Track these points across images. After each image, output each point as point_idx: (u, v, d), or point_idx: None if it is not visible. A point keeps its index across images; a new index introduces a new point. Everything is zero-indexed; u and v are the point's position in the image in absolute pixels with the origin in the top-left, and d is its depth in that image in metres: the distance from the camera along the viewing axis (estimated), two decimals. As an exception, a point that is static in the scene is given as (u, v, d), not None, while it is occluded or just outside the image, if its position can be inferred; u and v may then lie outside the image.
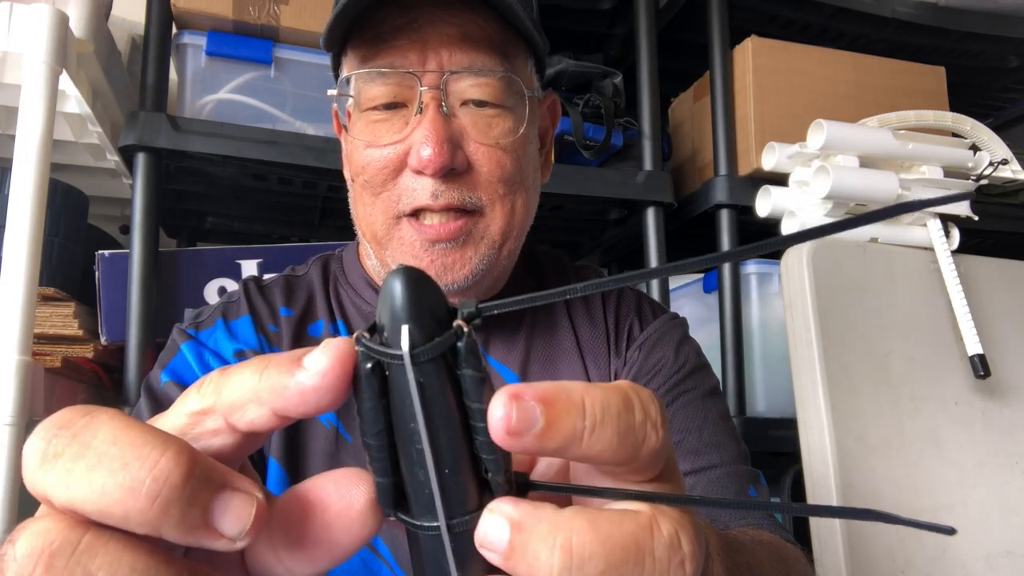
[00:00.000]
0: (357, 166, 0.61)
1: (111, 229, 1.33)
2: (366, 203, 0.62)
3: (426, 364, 0.21)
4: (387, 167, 0.59)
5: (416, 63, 0.58)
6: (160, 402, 0.61)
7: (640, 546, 0.21)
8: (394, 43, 0.58)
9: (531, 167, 0.64)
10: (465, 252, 0.60)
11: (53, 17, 0.84)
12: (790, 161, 1.15)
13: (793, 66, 1.24)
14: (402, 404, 0.21)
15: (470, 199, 0.59)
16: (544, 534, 0.21)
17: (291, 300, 0.67)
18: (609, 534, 0.21)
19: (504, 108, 0.60)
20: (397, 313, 0.21)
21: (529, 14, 0.61)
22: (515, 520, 0.22)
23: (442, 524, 0.23)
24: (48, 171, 0.83)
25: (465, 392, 0.21)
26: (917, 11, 1.32)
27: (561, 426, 0.21)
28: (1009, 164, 1.19)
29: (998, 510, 1.05)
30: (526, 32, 0.60)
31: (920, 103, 1.23)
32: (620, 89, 1.24)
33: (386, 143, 0.59)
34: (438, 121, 0.57)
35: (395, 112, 0.60)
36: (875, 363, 1.06)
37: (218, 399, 0.23)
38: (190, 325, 0.66)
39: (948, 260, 1.13)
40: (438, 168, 0.57)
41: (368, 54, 0.59)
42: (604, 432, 0.22)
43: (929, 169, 1.14)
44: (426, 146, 0.56)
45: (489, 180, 0.60)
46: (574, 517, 0.22)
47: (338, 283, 0.70)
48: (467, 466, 0.22)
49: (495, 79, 0.59)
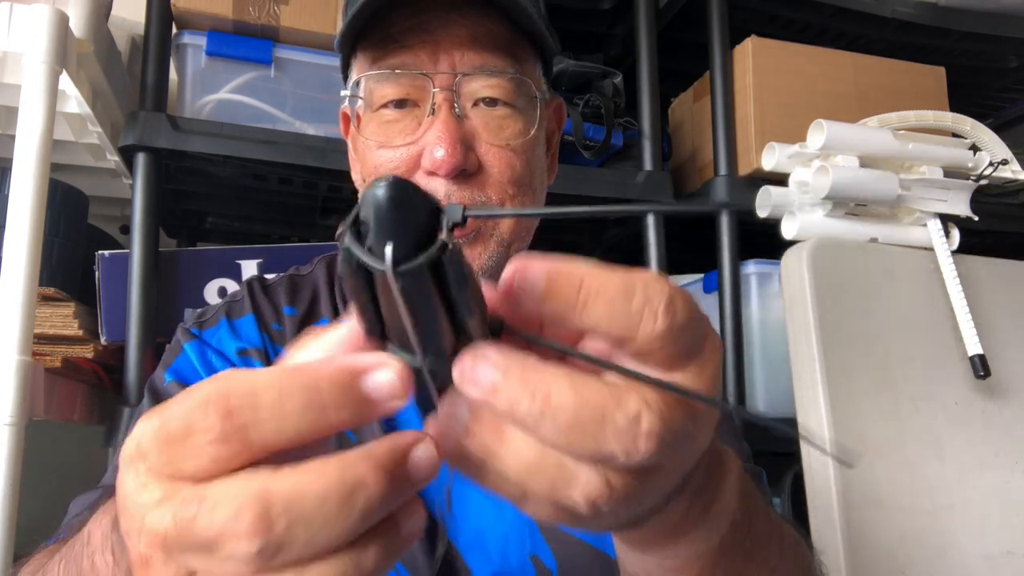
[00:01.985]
0: (369, 166, 0.62)
1: (111, 229, 1.33)
2: None
3: (408, 274, 0.21)
4: (400, 167, 0.60)
5: (428, 64, 0.59)
6: (162, 401, 0.61)
7: (604, 412, 0.23)
8: (405, 44, 0.59)
9: (539, 169, 0.65)
10: (475, 249, 0.60)
11: (53, 17, 0.84)
12: (790, 161, 1.15)
13: (793, 66, 1.24)
14: (390, 303, 0.23)
15: (481, 199, 0.60)
16: (529, 380, 0.23)
17: (295, 299, 0.68)
18: (582, 394, 0.23)
19: (515, 109, 0.61)
20: (382, 227, 0.21)
21: (540, 14, 0.61)
22: (504, 364, 0.23)
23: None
24: (48, 171, 0.83)
25: (450, 294, 0.23)
26: (917, 11, 1.32)
27: (558, 294, 0.24)
28: (1009, 164, 1.19)
29: (998, 510, 1.05)
30: (538, 33, 0.61)
31: (920, 103, 1.23)
32: (620, 89, 1.24)
33: (399, 144, 0.60)
34: (451, 123, 0.58)
35: (407, 112, 0.60)
36: (875, 363, 1.06)
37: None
38: (194, 324, 0.66)
39: (948, 260, 1.13)
40: (451, 169, 0.57)
41: (379, 55, 0.60)
42: (595, 309, 0.24)
43: (929, 169, 1.14)
44: (439, 147, 0.57)
45: (500, 181, 0.60)
46: (556, 372, 0.24)
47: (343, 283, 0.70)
48: (451, 348, 0.24)
49: (506, 80, 0.59)
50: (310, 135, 1.06)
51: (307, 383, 0.23)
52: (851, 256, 1.10)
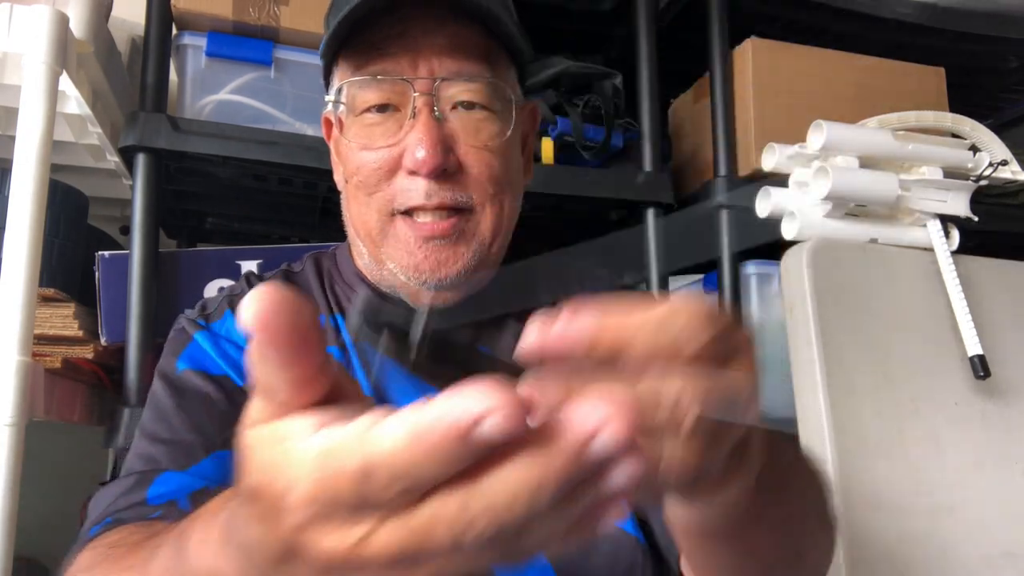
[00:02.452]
0: (352, 167, 0.64)
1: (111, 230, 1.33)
2: (360, 203, 0.65)
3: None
4: (382, 168, 0.63)
5: (409, 70, 0.62)
6: (180, 388, 0.63)
7: (656, 400, 0.29)
8: (387, 51, 0.62)
9: (515, 169, 0.68)
10: (458, 248, 0.63)
11: (53, 18, 0.84)
12: (790, 162, 1.15)
13: (793, 67, 1.24)
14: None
15: (461, 198, 0.62)
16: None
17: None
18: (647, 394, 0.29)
19: (492, 112, 0.64)
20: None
21: (513, 21, 0.65)
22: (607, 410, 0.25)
23: None
24: (48, 172, 0.83)
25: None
26: (917, 11, 1.31)
27: (605, 343, 0.29)
28: (1009, 165, 1.19)
29: (998, 510, 1.05)
30: (512, 41, 0.64)
31: (920, 104, 1.23)
32: (620, 90, 1.24)
33: (380, 145, 0.63)
34: (431, 124, 0.61)
35: (388, 116, 0.63)
36: (875, 363, 1.06)
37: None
38: (199, 316, 0.69)
39: (948, 261, 1.13)
40: (432, 168, 0.60)
41: (362, 62, 0.63)
42: (642, 344, 0.29)
43: (929, 170, 1.14)
44: (420, 148, 0.60)
45: (479, 180, 0.63)
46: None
47: (333, 280, 0.73)
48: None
49: (483, 84, 0.63)
50: (310, 136, 1.06)
51: (431, 449, 0.23)
52: (851, 256, 1.10)
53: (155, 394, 0.64)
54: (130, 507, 0.55)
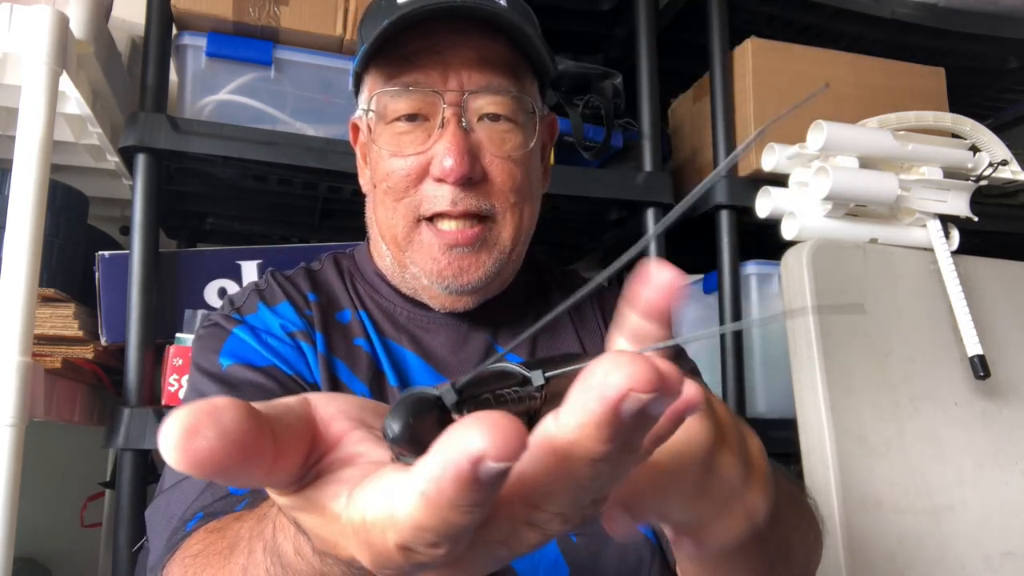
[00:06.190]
0: (381, 173, 0.67)
1: (111, 230, 1.33)
2: (388, 207, 0.67)
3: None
4: (410, 175, 0.65)
5: (439, 82, 0.64)
6: (230, 383, 0.64)
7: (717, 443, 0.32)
8: (418, 64, 0.65)
9: (536, 178, 0.71)
10: (480, 256, 0.66)
11: (53, 18, 0.84)
12: (790, 162, 1.15)
13: (793, 67, 1.24)
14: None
15: (485, 206, 0.65)
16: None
17: (316, 288, 0.73)
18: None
19: (516, 124, 0.67)
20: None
21: (539, 36, 0.67)
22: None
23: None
24: (48, 172, 0.83)
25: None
26: (917, 11, 1.32)
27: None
28: (1009, 165, 1.19)
29: (998, 510, 1.05)
30: (537, 56, 0.67)
31: (920, 104, 1.23)
32: (620, 90, 1.24)
33: (410, 153, 0.65)
34: (459, 134, 0.64)
35: (418, 125, 0.66)
36: (875, 363, 1.06)
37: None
38: (232, 311, 0.70)
39: (948, 261, 1.13)
40: (459, 176, 0.63)
41: (394, 73, 0.66)
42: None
43: (929, 170, 1.14)
44: (448, 157, 0.63)
45: (502, 189, 0.66)
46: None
47: (355, 278, 0.75)
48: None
49: (509, 98, 0.66)
50: (310, 136, 1.06)
51: (451, 502, 0.21)
52: (851, 256, 1.10)
53: (202, 393, 0.63)
54: (216, 501, 0.55)
